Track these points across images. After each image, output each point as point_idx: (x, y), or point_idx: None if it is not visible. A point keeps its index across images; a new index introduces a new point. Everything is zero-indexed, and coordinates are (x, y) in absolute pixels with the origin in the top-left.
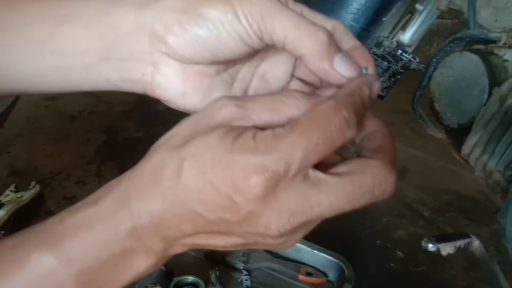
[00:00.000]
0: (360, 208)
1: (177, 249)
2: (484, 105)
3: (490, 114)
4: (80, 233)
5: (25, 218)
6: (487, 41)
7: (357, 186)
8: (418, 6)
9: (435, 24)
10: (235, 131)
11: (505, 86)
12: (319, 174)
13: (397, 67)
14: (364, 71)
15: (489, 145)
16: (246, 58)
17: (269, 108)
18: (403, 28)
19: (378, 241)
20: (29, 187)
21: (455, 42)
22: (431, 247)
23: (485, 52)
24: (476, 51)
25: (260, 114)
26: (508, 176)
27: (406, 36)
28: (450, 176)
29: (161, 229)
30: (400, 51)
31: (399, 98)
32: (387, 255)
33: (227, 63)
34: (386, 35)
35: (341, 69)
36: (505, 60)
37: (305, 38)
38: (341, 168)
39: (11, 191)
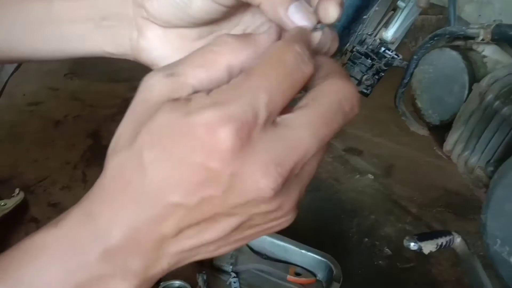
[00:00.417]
0: (338, 130)
1: (163, 264)
2: (465, 101)
3: (470, 110)
4: (37, 261)
5: (9, 227)
6: (466, 37)
7: (326, 106)
8: (400, 3)
9: (420, 20)
10: (182, 100)
11: (484, 82)
12: (287, 115)
13: (380, 64)
14: (319, 26)
15: (470, 141)
16: (225, 20)
17: (202, 64)
18: (386, 25)
19: (366, 239)
20: (13, 194)
21: (435, 38)
22: (413, 245)
23: (464, 48)
24: (455, 48)
25: (196, 75)
26: (489, 171)
27: (389, 33)
28: (437, 171)
29: (138, 242)
30: (383, 49)
31: (384, 95)
32: (375, 252)
33: (208, 26)
34: (369, 33)
35: (294, 17)
36: (484, 56)
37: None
38: (303, 102)
39: None
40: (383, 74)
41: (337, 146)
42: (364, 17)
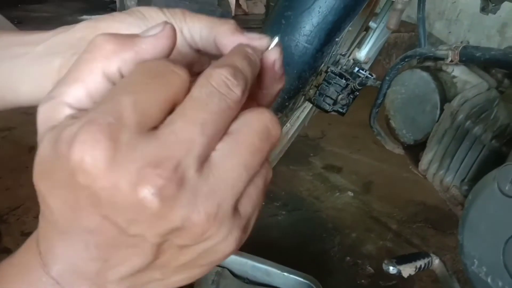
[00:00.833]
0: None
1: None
2: (437, 121)
3: (443, 130)
4: None
5: None
6: (436, 58)
7: (250, 135)
8: (372, 24)
9: (393, 38)
10: (57, 127)
11: (455, 102)
12: (212, 153)
13: (355, 84)
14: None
15: (444, 161)
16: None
17: (76, 77)
18: (359, 45)
19: (348, 257)
20: None
21: (405, 60)
22: (392, 269)
23: (434, 69)
24: (426, 68)
25: (72, 92)
26: (464, 190)
27: (362, 54)
28: (415, 186)
29: (79, 273)
30: (357, 69)
31: (361, 112)
32: (358, 271)
33: None
34: (343, 53)
35: (248, 35)
36: (454, 77)
37: (218, 21)
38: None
39: None
40: (357, 93)
41: (316, 163)
42: (337, 39)
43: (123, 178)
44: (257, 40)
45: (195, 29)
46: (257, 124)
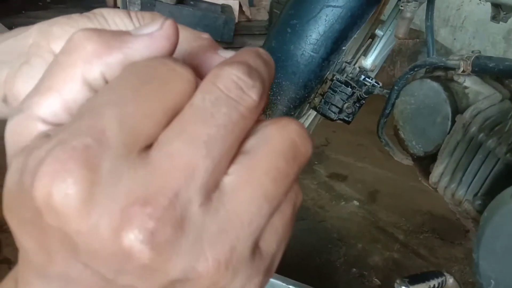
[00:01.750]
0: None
1: None
2: (448, 133)
3: (455, 142)
4: None
5: None
6: (447, 68)
7: (272, 155)
8: (378, 32)
9: (397, 45)
10: (25, 150)
11: (467, 114)
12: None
13: (361, 92)
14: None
15: (456, 174)
16: None
17: (51, 85)
18: (365, 53)
19: (354, 269)
20: None
21: (415, 69)
22: None
23: (445, 79)
24: (436, 78)
25: (45, 103)
26: (477, 205)
27: (368, 61)
28: (421, 196)
29: None
30: (363, 77)
31: (366, 119)
32: (364, 283)
33: None
34: (348, 60)
35: (225, 54)
36: (465, 87)
37: (191, 35)
38: (239, 157)
39: None
40: (363, 101)
41: (321, 172)
42: (344, 48)
43: (103, 221)
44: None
45: None
46: (281, 140)
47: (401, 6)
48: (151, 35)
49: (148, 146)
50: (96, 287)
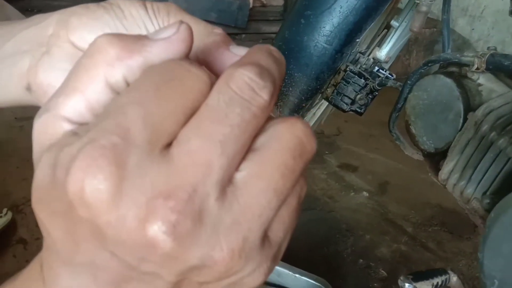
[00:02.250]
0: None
1: None
2: (460, 130)
3: (465, 140)
4: None
5: None
6: (461, 65)
7: (282, 152)
8: (394, 23)
9: (414, 34)
10: (53, 148)
11: (479, 112)
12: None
13: (374, 84)
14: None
15: (466, 172)
16: None
17: (75, 86)
18: (379, 44)
19: (361, 260)
20: (1, 214)
21: (429, 64)
22: (407, 286)
23: (459, 75)
24: (450, 74)
25: (70, 104)
26: (485, 204)
27: (383, 53)
28: (432, 189)
29: None
30: (377, 68)
31: (379, 110)
32: (370, 274)
33: None
34: (362, 51)
35: (236, 51)
36: (479, 84)
37: (203, 30)
38: (250, 154)
39: None
40: (376, 93)
41: (332, 162)
42: (357, 40)
43: (130, 213)
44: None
45: None
46: (289, 138)
47: (417, 0)
48: (168, 39)
49: (169, 143)
50: (120, 274)
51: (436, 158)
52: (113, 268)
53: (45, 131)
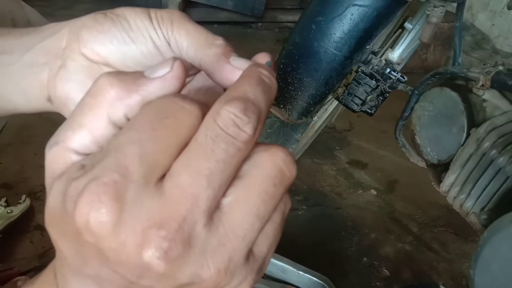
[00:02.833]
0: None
1: None
2: (462, 144)
3: (467, 155)
4: None
5: (14, 234)
6: (467, 79)
7: (263, 180)
8: (408, 25)
9: None
10: (63, 176)
11: (482, 129)
12: (221, 200)
13: (385, 86)
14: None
15: (466, 186)
16: None
17: (81, 123)
18: (392, 46)
19: (365, 258)
20: (19, 201)
21: (436, 76)
22: None
23: (465, 89)
24: (456, 87)
25: (77, 138)
26: (483, 219)
27: (395, 54)
28: None
29: None
30: (388, 70)
31: (391, 104)
32: (373, 273)
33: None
34: (375, 50)
35: (236, 63)
36: (484, 100)
37: (205, 41)
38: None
39: (1, 205)
40: (387, 95)
41: (342, 158)
42: (368, 46)
43: (129, 240)
44: (243, 69)
45: (182, 46)
46: (269, 167)
47: (428, 11)
48: (163, 78)
49: (163, 175)
50: (122, 285)
51: (439, 169)
52: (115, 281)
53: (56, 161)
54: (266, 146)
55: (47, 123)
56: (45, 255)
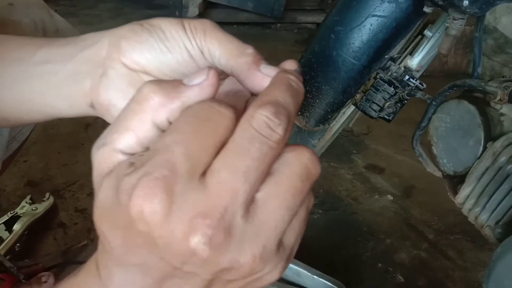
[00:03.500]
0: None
1: None
2: (479, 157)
3: (483, 168)
4: None
5: (38, 231)
6: (485, 92)
7: (293, 177)
8: (427, 33)
9: None
10: (112, 173)
11: (498, 143)
12: (256, 195)
13: (403, 93)
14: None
15: (481, 199)
16: None
17: (127, 126)
18: (412, 52)
19: (380, 264)
20: (43, 199)
21: (453, 88)
22: None
23: (482, 102)
24: (474, 100)
25: (123, 140)
26: (497, 233)
27: (414, 62)
28: None
29: None
30: (407, 76)
31: (410, 109)
32: (388, 279)
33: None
34: (394, 56)
35: (266, 71)
36: (502, 114)
37: (236, 50)
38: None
39: (26, 202)
40: (405, 102)
41: (359, 162)
42: (386, 56)
43: (177, 228)
44: (273, 75)
45: (214, 55)
46: (297, 165)
47: (447, 23)
48: (200, 85)
49: (205, 171)
50: (166, 272)
51: (455, 181)
52: (160, 268)
53: (104, 161)
54: (293, 146)
55: (70, 122)
56: (68, 252)
